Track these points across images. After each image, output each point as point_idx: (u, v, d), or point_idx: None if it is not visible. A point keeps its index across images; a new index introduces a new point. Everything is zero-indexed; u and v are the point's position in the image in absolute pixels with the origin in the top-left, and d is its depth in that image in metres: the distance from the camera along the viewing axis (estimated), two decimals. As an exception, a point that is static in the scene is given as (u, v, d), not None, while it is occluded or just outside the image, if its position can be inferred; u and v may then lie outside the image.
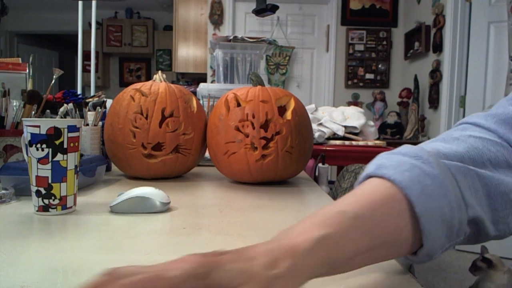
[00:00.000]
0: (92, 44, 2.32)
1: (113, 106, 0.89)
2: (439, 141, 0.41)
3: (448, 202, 0.34)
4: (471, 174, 0.37)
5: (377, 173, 0.36)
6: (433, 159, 0.36)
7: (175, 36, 4.27)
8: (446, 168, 0.36)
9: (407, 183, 0.34)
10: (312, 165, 1.41)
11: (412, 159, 0.36)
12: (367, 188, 0.35)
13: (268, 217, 0.60)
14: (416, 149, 0.38)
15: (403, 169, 0.35)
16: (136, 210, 0.59)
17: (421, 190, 0.34)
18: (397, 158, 0.37)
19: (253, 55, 1.56)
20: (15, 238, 0.47)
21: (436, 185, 0.34)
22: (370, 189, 0.35)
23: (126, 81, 5.79)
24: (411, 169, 0.35)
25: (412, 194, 0.33)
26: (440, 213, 0.33)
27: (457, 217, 0.34)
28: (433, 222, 0.33)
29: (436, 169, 0.35)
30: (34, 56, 1.82)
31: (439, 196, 0.34)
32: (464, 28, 2.90)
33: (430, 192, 0.34)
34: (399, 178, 0.34)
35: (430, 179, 0.34)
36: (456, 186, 0.35)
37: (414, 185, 0.34)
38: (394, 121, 3.33)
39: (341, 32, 3.81)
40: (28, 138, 0.55)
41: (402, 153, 0.38)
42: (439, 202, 0.34)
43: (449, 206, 0.34)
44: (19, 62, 1.04)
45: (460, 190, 0.35)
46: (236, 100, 0.85)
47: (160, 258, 0.41)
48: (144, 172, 0.88)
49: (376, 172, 0.36)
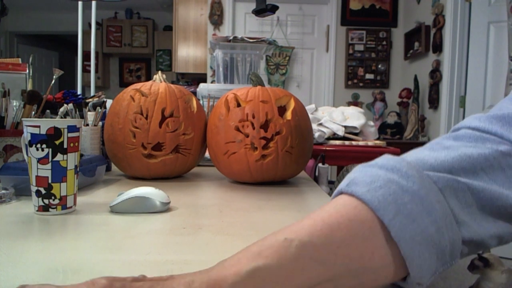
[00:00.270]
0: (92, 44, 2.32)
1: (113, 106, 0.89)
2: (426, 150, 0.37)
3: (432, 221, 0.30)
4: (462, 187, 0.32)
5: (347, 190, 0.32)
6: (414, 172, 0.32)
7: (175, 36, 4.27)
8: (430, 181, 0.32)
9: (380, 202, 0.30)
10: (312, 165, 1.41)
11: (388, 172, 0.32)
12: (330, 208, 0.32)
13: (268, 217, 0.60)
14: (395, 160, 0.33)
15: (376, 185, 0.31)
16: (136, 210, 0.59)
17: (397, 210, 0.30)
18: (371, 172, 0.33)
19: (253, 55, 1.56)
20: (15, 238, 0.47)
21: (415, 203, 0.30)
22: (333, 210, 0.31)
23: (126, 81, 5.79)
24: (386, 185, 0.31)
25: (386, 216, 0.29)
26: (423, 235, 0.30)
27: (448, 237, 0.30)
28: (415, 245, 0.29)
29: (416, 183, 0.31)
30: (34, 56, 1.83)
31: (420, 215, 0.30)
32: (464, 28, 2.90)
33: (408, 212, 0.30)
34: (370, 197, 0.30)
35: (409, 195, 0.30)
36: (444, 201, 0.31)
37: (389, 204, 0.30)
38: (394, 121, 3.33)
39: (341, 32, 3.81)
40: (28, 138, 0.55)
41: (379, 165, 0.34)
42: (420, 222, 0.30)
43: (434, 225, 0.30)
44: (19, 62, 1.04)
45: (449, 206, 0.31)
46: (236, 100, 0.85)
47: (160, 258, 0.41)
48: (144, 172, 0.88)
49: (346, 188, 0.32)
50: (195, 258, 0.41)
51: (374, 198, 0.30)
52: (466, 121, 0.39)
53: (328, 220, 0.30)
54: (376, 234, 0.30)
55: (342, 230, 0.29)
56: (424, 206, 0.30)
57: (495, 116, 0.37)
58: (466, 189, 0.32)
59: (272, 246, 0.28)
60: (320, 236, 0.29)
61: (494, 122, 0.36)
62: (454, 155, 0.34)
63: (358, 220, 0.30)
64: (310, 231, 0.29)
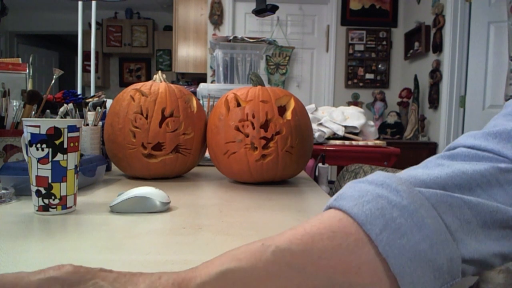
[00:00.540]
0: (92, 44, 2.32)
1: (113, 106, 0.89)
2: (420, 168, 0.36)
3: (424, 236, 0.29)
4: (458, 203, 0.31)
5: (335, 204, 0.32)
6: (405, 187, 0.31)
7: (175, 36, 4.27)
8: (421, 197, 0.30)
9: (367, 217, 0.29)
10: (312, 165, 1.41)
11: (377, 187, 0.31)
12: (315, 220, 0.31)
13: (268, 217, 0.60)
14: (385, 176, 0.33)
15: (364, 200, 0.30)
16: (136, 210, 0.59)
17: (385, 224, 0.29)
18: (360, 187, 0.32)
19: (253, 55, 1.56)
20: (15, 238, 0.47)
21: (405, 218, 0.29)
22: (317, 221, 0.31)
23: (126, 81, 5.79)
24: (374, 199, 0.30)
25: (372, 230, 0.29)
26: (414, 251, 0.28)
27: (444, 254, 0.29)
28: (405, 261, 0.28)
29: (406, 199, 0.30)
30: (34, 56, 1.83)
31: (410, 230, 0.29)
32: (464, 28, 2.90)
33: (396, 227, 0.29)
34: (357, 211, 0.30)
35: (398, 210, 0.29)
36: (438, 217, 0.30)
37: (376, 219, 0.29)
38: (394, 121, 3.33)
39: (341, 32, 3.81)
40: (28, 138, 0.55)
41: (369, 181, 0.33)
42: (410, 237, 0.28)
43: (427, 241, 0.28)
44: (19, 62, 1.04)
45: (444, 223, 0.30)
46: (236, 100, 0.85)
47: (160, 258, 0.41)
48: (144, 172, 0.88)
49: (334, 203, 0.32)
50: (195, 258, 0.41)
51: (361, 212, 0.30)
52: (461, 140, 0.38)
53: (309, 230, 0.29)
54: (361, 248, 0.29)
55: (324, 240, 0.29)
56: (414, 221, 0.29)
57: (490, 133, 0.36)
58: (462, 204, 0.31)
59: (247, 250, 0.28)
60: (300, 244, 0.28)
61: (489, 139, 0.36)
62: (448, 171, 0.33)
63: (342, 232, 0.29)
64: (289, 239, 0.29)
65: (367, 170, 1.18)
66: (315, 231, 0.29)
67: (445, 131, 3.00)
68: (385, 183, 0.32)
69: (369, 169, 1.18)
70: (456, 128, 2.97)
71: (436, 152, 3.06)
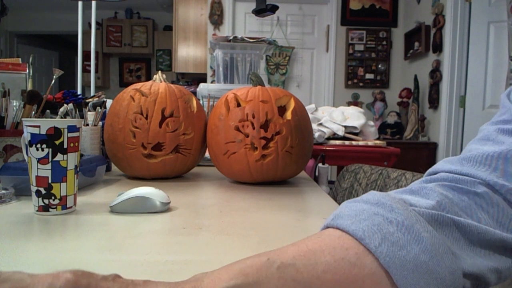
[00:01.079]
0: (92, 44, 2.32)
1: (113, 106, 0.89)
2: (407, 194, 0.37)
3: (423, 248, 0.29)
4: (447, 221, 0.32)
5: (332, 224, 0.33)
6: (399, 205, 0.32)
7: (175, 36, 4.27)
8: (415, 214, 0.31)
9: (365, 232, 0.30)
10: (312, 165, 1.41)
11: (373, 206, 0.33)
12: (315, 238, 0.32)
13: (268, 217, 0.60)
14: (380, 195, 0.34)
15: (361, 218, 0.31)
16: (136, 210, 0.59)
17: (383, 238, 0.29)
18: (356, 207, 0.33)
19: (253, 55, 1.56)
20: (15, 238, 0.47)
21: (402, 232, 0.30)
22: (317, 239, 0.31)
23: (126, 81, 5.79)
24: (370, 217, 0.31)
25: (372, 243, 0.29)
26: (415, 262, 0.29)
27: (445, 266, 0.29)
28: (407, 273, 0.28)
29: (401, 215, 0.31)
30: (34, 56, 1.83)
31: (409, 243, 0.29)
32: (464, 28, 2.90)
33: (395, 240, 0.29)
34: (355, 228, 0.31)
35: (394, 226, 0.30)
36: (434, 232, 0.31)
37: (374, 233, 0.30)
38: (394, 121, 3.33)
39: (341, 32, 3.81)
40: (28, 138, 0.55)
41: (364, 200, 0.34)
42: (409, 249, 0.29)
43: (427, 253, 0.29)
44: (19, 62, 1.04)
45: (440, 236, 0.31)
46: (236, 100, 0.85)
47: (160, 258, 0.41)
48: (144, 172, 0.88)
49: (331, 223, 0.33)
50: (195, 258, 0.41)
51: (359, 229, 0.30)
52: (439, 165, 0.40)
53: (311, 247, 0.30)
54: (363, 260, 0.29)
55: (326, 256, 0.29)
56: (412, 235, 0.30)
57: (465, 158, 0.38)
58: (451, 224, 0.32)
59: (253, 265, 0.28)
60: (303, 260, 0.29)
61: (464, 163, 0.38)
62: (433, 195, 0.35)
63: (343, 247, 0.30)
64: (293, 255, 0.29)
65: (367, 170, 1.18)
66: (316, 247, 0.30)
67: (445, 131, 3.00)
68: (380, 202, 0.33)
69: (369, 169, 1.18)
70: (456, 128, 2.97)
71: (436, 152, 3.06)
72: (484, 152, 0.37)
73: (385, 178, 1.11)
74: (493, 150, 0.37)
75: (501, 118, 0.40)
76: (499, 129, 0.39)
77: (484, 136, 0.40)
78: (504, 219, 0.34)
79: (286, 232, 0.53)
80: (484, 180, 0.36)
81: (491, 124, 0.41)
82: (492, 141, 0.38)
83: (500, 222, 0.34)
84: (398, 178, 1.07)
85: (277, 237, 0.50)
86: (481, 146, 0.39)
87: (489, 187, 0.35)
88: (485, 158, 0.37)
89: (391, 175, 1.10)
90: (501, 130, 0.38)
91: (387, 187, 1.09)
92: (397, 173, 1.09)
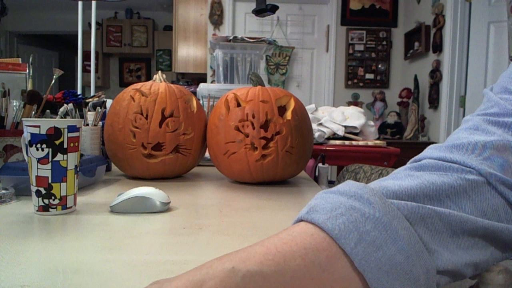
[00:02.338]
0: (92, 44, 2.32)
1: (113, 106, 0.89)
2: (390, 179, 0.36)
3: (399, 248, 0.28)
4: (429, 214, 0.31)
5: (307, 217, 0.31)
6: (377, 199, 0.30)
7: (175, 36, 4.27)
8: (393, 208, 0.30)
9: (341, 231, 0.28)
10: (312, 165, 1.41)
11: (350, 199, 0.31)
12: (286, 236, 0.30)
13: (268, 217, 0.60)
14: (357, 187, 0.32)
15: (337, 213, 0.30)
16: (136, 210, 0.59)
17: (359, 238, 0.28)
18: (332, 199, 0.32)
19: (253, 55, 1.56)
20: (15, 238, 0.47)
21: (379, 230, 0.29)
22: (288, 237, 0.29)
23: (126, 81, 5.79)
24: (347, 212, 0.30)
25: (347, 244, 0.28)
26: (391, 263, 0.28)
27: (419, 266, 0.29)
28: (383, 275, 0.28)
29: (379, 210, 0.29)
30: (34, 56, 1.83)
31: (386, 242, 0.28)
32: (464, 28, 2.90)
33: (371, 240, 0.28)
34: (331, 225, 0.29)
35: (371, 223, 0.29)
36: (411, 228, 0.30)
37: (350, 233, 0.28)
38: (394, 121, 3.34)
39: (341, 32, 3.81)
40: (28, 138, 0.55)
41: (341, 192, 0.32)
42: (386, 250, 0.28)
43: (402, 253, 0.28)
44: (19, 62, 1.04)
45: (417, 234, 0.30)
46: (236, 100, 0.85)
47: (160, 258, 0.41)
48: (144, 172, 0.88)
49: (306, 216, 0.31)
50: (195, 258, 0.41)
51: (335, 226, 0.29)
52: (427, 152, 0.39)
53: (281, 249, 0.28)
54: (334, 264, 0.28)
55: (297, 259, 0.28)
56: (389, 233, 0.29)
57: (454, 145, 0.37)
58: (433, 215, 0.31)
59: (216, 276, 0.26)
60: (271, 265, 0.27)
61: (454, 151, 0.37)
62: (417, 182, 0.33)
63: (314, 249, 0.28)
64: (261, 260, 0.27)
65: (367, 170, 1.18)
66: (286, 249, 0.28)
67: (445, 131, 3.00)
68: (357, 194, 0.31)
69: (369, 169, 1.18)
70: (456, 128, 2.97)
71: (436, 152, 3.06)
72: (475, 141, 0.36)
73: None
74: (484, 140, 0.36)
75: (489, 111, 0.39)
76: (488, 120, 0.38)
77: (472, 125, 0.39)
78: (488, 209, 0.34)
79: (286, 232, 0.52)
80: (474, 168, 0.35)
81: (477, 115, 0.40)
82: (481, 131, 0.38)
83: (484, 212, 0.33)
84: (398, 178, 1.07)
85: (277, 237, 0.50)
86: (470, 135, 0.38)
87: (479, 176, 0.35)
88: (476, 147, 0.36)
89: (391, 175, 1.10)
90: (490, 122, 0.38)
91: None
92: (397, 173, 1.08)
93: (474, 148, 0.36)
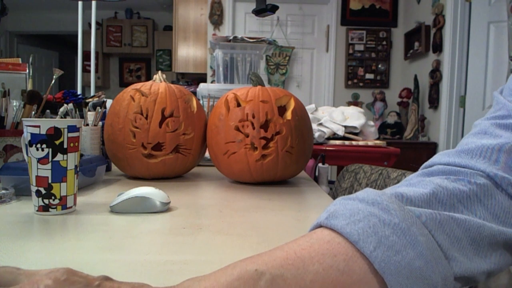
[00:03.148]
0: (92, 44, 2.32)
1: (113, 106, 0.89)
2: (403, 186, 0.37)
3: (419, 253, 0.28)
4: (447, 220, 0.31)
5: (326, 223, 0.32)
6: (395, 206, 0.31)
7: (175, 36, 4.27)
8: (412, 215, 0.31)
9: (360, 235, 0.29)
10: (312, 165, 1.41)
11: (369, 206, 0.31)
12: (304, 242, 0.31)
13: (268, 217, 0.60)
14: (375, 194, 0.33)
15: (356, 218, 0.30)
16: (136, 210, 0.59)
17: (378, 242, 0.29)
18: (351, 205, 0.32)
19: (253, 55, 1.56)
20: (15, 238, 0.47)
21: (398, 235, 0.29)
22: (306, 244, 0.30)
23: (126, 81, 5.79)
24: (365, 218, 0.30)
25: (366, 248, 0.29)
26: (410, 268, 0.28)
27: (438, 272, 0.29)
28: (402, 279, 0.28)
29: (397, 217, 0.30)
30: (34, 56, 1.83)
31: (405, 247, 0.29)
32: (464, 28, 2.90)
33: (390, 244, 0.29)
34: (349, 230, 0.30)
35: (390, 228, 0.29)
36: (429, 235, 0.30)
37: (368, 237, 0.29)
38: (394, 121, 3.34)
39: (341, 32, 3.81)
40: (28, 138, 0.55)
41: (359, 199, 0.33)
42: (405, 255, 0.28)
43: (422, 258, 0.28)
44: (19, 62, 1.04)
45: (435, 241, 0.30)
46: (236, 100, 0.85)
47: (160, 258, 0.41)
48: (144, 172, 0.88)
49: (325, 222, 0.32)
50: (195, 258, 0.41)
51: (353, 231, 0.29)
52: (436, 158, 0.40)
53: (300, 254, 0.29)
54: (351, 267, 0.29)
55: (315, 264, 0.29)
56: (408, 238, 0.29)
57: (463, 150, 0.38)
58: (451, 221, 0.31)
59: (241, 278, 0.27)
60: (291, 269, 0.28)
61: (463, 156, 0.37)
62: (430, 187, 0.34)
63: (331, 254, 0.29)
64: (281, 264, 0.29)
65: (367, 170, 1.18)
66: (305, 255, 0.29)
67: (445, 131, 3.00)
68: (376, 201, 0.32)
69: (369, 169, 1.18)
70: (456, 128, 2.97)
71: (436, 152, 3.06)
72: (483, 145, 0.37)
73: (385, 178, 1.11)
74: (491, 143, 0.37)
75: (496, 114, 0.40)
76: (496, 123, 0.39)
77: (480, 130, 0.39)
78: (501, 212, 0.34)
79: (286, 232, 0.53)
80: (483, 171, 0.35)
81: (486, 119, 0.41)
82: (489, 135, 0.38)
83: (497, 215, 0.34)
84: (398, 178, 1.07)
85: (277, 237, 0.50)
86: (478, 140, 0.38)
87: (489, 179, 0.35)
88: (484, 151, 0.36)
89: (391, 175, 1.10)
90: (498, 125, 0.38)
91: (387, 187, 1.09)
92: (397, 173, 1.09)
93: (482, 151, 0.37)
